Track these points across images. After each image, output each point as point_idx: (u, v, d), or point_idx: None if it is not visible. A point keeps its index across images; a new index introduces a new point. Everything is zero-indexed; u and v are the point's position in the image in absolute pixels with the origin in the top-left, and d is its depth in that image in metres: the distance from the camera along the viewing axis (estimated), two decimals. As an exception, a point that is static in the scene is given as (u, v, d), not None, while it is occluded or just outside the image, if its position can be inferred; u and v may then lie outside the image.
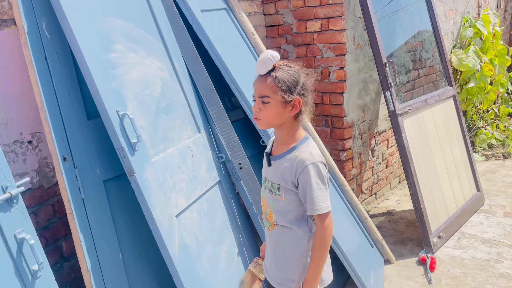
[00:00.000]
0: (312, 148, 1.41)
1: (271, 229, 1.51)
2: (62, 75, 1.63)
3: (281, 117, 1.38)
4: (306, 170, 1.35)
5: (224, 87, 2.42)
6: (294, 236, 1.45)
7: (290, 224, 1.44)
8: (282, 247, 1.47)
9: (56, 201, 1.85)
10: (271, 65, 1.34)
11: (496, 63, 4.72)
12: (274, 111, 1.36)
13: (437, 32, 3.48)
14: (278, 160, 1.44)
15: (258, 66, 1.36)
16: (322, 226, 1.38)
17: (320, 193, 1.36)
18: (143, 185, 1.56)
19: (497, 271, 2.60)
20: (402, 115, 2.83)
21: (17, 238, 1.30)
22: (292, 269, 1.46)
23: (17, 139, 1.71)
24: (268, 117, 1.38)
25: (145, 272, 1.80)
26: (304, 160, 1.36)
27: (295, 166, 1.38)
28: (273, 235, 1.50)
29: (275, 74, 1.34)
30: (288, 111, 1.37)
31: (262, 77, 1.37)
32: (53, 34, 1.62)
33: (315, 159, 1.37)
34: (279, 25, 3.24)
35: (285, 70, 1.36)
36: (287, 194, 1.42)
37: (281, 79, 1.34)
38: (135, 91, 1.72)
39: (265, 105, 1.36)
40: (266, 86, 1.35)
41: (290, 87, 1.35)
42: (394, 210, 3.52)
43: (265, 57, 1.34)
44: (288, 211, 1.44)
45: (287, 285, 1.47)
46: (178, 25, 2.11)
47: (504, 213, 3.35)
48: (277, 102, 1.35)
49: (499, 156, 4.63)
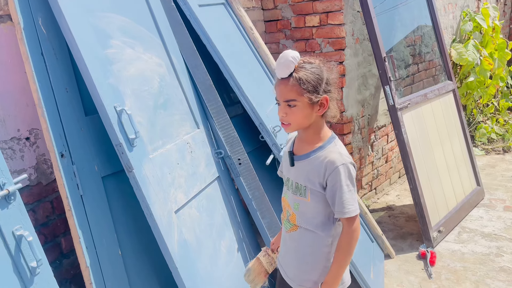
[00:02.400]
0: (340, 147, 1.35)
1: (292, 230, 1.45)
2: (59, 71, 1.62)
3: (310, 119, 1.32)
4: (336, 172, 1.30)
5: (222, 83, 2.41)
6: (317, 239, 1.40)
7: (314, 228, 1.39)
8: (305, 250, 1.43)
9: (54, 198, 1.85)
10: (292, 67, 1.27)
11: (495, 57, 4.71)
12: (303, 113, 1.30)
13: (437, 26, 3.46)
14: (304, 160, 1.38)
15: (279, 69, 1.29)
16: (350, 229, 1.33)
17: (349, 195, 1.30)
18: (141, 181, 1.56)
19: (497, 265, 2.60)
20: (401, 109, 2.82)
21: (15, 235, 1.29)
22: (314, 271, 1.42)
23: (15, 136, 1.70)
24: (297, 120, 1.32)
25: (145, 268, 1.79)
26: (334, 161, 1.30)
27: (323, 167, 1.32)
28: (294, 237, 1.45)
29: (298, 75, 1.27)
30: (316, 111, 1.31)
31: (284, 80, 1.29)
32: (49, 30, 1.61)
33: (345, 159, 1.31)
34: (278, 20, 3.22)
35: (308, 68, 1.28)
36: (313, 196, 1.36)
37: (305, 80, 1.26)
38: (133, 87, 1.71)
39: (292, 109, 1.30)
40: (290, 89, 1.28)
41: (316, 87, 1.28)
42: (394, 205, 3.52)
43: (286, 59, 1.27)
44: (313, 214, 1.38)
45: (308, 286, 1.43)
46: (176, 20, 2.09)
47: (504, 207, 3.34)
48: (305, 104, 1.28)
49: (499, 151, 4.62)
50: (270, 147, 2.18)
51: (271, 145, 2.18)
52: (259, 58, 2.54)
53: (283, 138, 2.24)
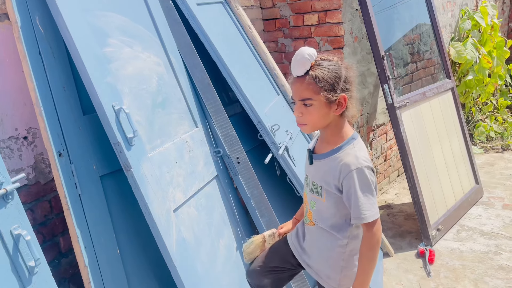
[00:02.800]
0: (358, 150, 1.29)
1: (310, 225, 1.45)
2: (56, 70, 1.62)
3: (327, 118, 1.27)
4: (350, 176, 1.25)
5: (221, 82, 2.41)
6: (333, 239, 1.38)
7: (329, 228, 1.37)
8: (320, 246, 1.42)
9: (53, 197, 1.85)
10: (309, 64, 1.23)
11: (494, 55, 4.71)
12: (319, 113, 1.25)
13: (435, 25, 3.46)
14: (321, 160, 1.34)
15: (294, 67, 1.24)
16: (369, 234, 1.28)
17: (365, 200, 1.25)
18: (140, 180, 1.55)
19: (496, 263, 2.60)
20: (400, 108, 2.82)
21: (13, 234, 1.29)
22: (329, 268, 1.42)
23: (12, 135, 1.70)
24: (314, 120, 1.27)
25: (143, 267, 1.79)
26: (349, 165, 1.26)
27: (338, 169, 1.28)
28: (312, 231, 1.44)
29: (314, 73, 1.22)
30: (334, 110, 1.26)
31: (300, 78, 1.25)
32: (47, 29, 1.61)
33: (360, 163, 1.26)
34: (276, 19, 3.22)
35: (325, 66, 1.24)
36: (329, 197, 1.33)
37: (322, 78, 1.22)
38: (131, 85, 1.71)
39: (308, 108, 1.25)
40: (306, 88, 1.23)
41: (333, 85, 1.23)
42: (393, 203, 3.52)
43: (302, 56, 1.22)
44: (328, 214, 1.36)
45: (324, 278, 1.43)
46: (174, 18, 2.09)
47: (503, 205, 3.35)
48: (321, 103, 1.23)
49: (498, 149, 4.63)
50: (269, 146, 2.18)
51: (269, 144, 2.17)
52: (258, 57, 2.54)
53: (281, 136, 2.24)
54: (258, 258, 1.65)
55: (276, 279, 1.60)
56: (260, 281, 1.61)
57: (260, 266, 1.61)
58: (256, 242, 1.67)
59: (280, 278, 1.61)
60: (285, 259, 1.56)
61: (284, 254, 1.57)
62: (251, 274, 1.64)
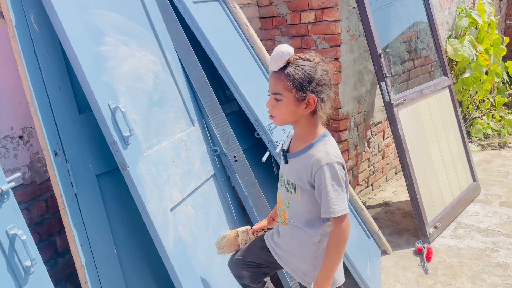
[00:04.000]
0: (329, 147, 1.35)
1: (283, 225, 1.49)
2: (52, 69, 1.61)
3: (295, 115, 1.33)
4: (321, 171, 1.30)
5: (218, 80, 2.40)
6: (305, 236, 1.42)
7: (303, 225, 1.41)
8: (295, 244, 1.46)
9: (49, 196, 1.84)
10: (282, 62, 1.28)
11: (491, 52, 4.72)
12: (287, 109, 1.31)
13: (432, 22, 3.46)
14: (295, 158, 1.39)
15: (271, 62, 1.30)
16: (337, 229, 1.33)
17: (335, 195, 1.30)
18: (136, 179, 1.55)
19: (493, 260, 2.61)
20: (397, 105, 2.82)
21: (9, 234, 1.28)
22: (304, 265, 1.46)
23: (8, 134, 1.69)
24: (282, 115, 1.33)
25: (140, 266, 1.79)
26: (319, 160, 1.31)
27: (310, 165, 1.33)
28: (285, 230, 1.48)
29: (287, 71, 1.28)
30: (302, 109, 1.31)
31: (275, 73, 1.31)
32: (42, 27, 1.59)
33: (331, 159, 1.31)
34: (273, 17, 3.21)
35: (299, 65, 1.29)
36: (303, 194, 1.38)
37: (293, 77, 1.27)
38: (127, 84, 1.70)
39: (278, 103, 1.31)
40: (278, 83, 1.29)
41: (303, 85, 1.28)
42: (391, 201, 3.53)
43: (276, 53, 1.28)
44: (302, 211, 1.40)
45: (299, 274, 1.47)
46: (170, 16, 2.08)
47: (500, 202, 3.35)
48: (290, 100, 1.29)
49: (495, 146, 4.63)
50: (266, 144, 2.18)
51: (266, 142, 2.17)
52: (255, 55, 2.53)
53: (279, 135, 2.24)
54: (239, 251, 1.69)
55: (254, 272, 1.65)
56: (238, 272, 1.67)
57: (237, 259, 1.67)
58: (229, 237, 1.70)
59: (257, 272, 1.65)
60: (260, 256, 1.61)
61: (259, 252, 1.62)
62: (231, 265, 1.70)
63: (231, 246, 1.71)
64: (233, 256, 1.71)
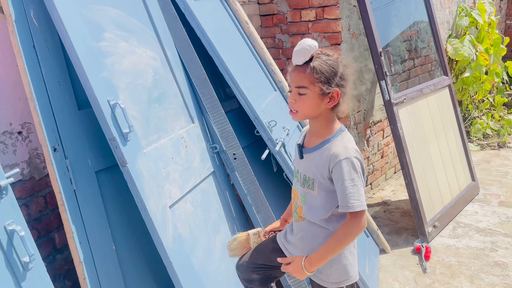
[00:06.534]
0: (347, 141, 1.35)
1: (299, 220, 1.46)
2: (51, 64, 1.60)
3: (317, 109, 1.33)
4: (339, 165, 1.29)
5: (217, 77, 2.40)
6: (321, 232, 1.40)
7: (319, 221, 1.40)
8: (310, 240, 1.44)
9: (48, 192, 1.83)
10: (308, 55, 1.29)
11: (491, 52, 4.72)
12: (311, 103, 1.31)
13: (433, 22, 3.46)
14: (311, 153, 1.38)
15: (295, 56, 1.30)
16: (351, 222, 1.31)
17: (353, 190, 1.29)
18: (135, 175, 1.54)
19: (492, 259, 2.61)
20: (397, 104, 2.82)
21: (7, 230, 1.28)
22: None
23: (7, 130, 1.68)
24: (305, 109, 1.33)
25: (139, 263, 1.78)
26: (337, 155, 1.30)
27: (328, 159, 1.32)
28: (301, 226, 1.46)
29: (313, 64, 1.28)
30: (326, 103, 1.32)
31: (299, 67, 1.31)
32: (41, 22, 1.59)
33: (349, 153, 1.30)
34: (274, 14, 3.21)
35: (324, 59, 1.30)
36: (320, 189, 1.36)
37: (319, 70, 1.28)
38: (127, 80, 1.70)
39: (301, 97, 1.31)
40: (303, 77, 1.29)
41: (329, 78, 1.29)
42: (390, 200, 3.53)
43: (303, 47, 1.28)
44: (319, 207, 1.38)
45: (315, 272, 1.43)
46: (170, 13, 2.07)
47: (499, 202, 3.36)
48: (315, 93, 1.30)
49: (494, 146, 4.64)
50: (266, 142, 2.17)
51: (266, 140, 2.17)
52: (255, 53, 2.52)
53: (278, 132, 2.23)
54: (248, 253, 1.66)
55: (264, 275, 1.62)
56: (248, 275, 1.64)
57: (247, 262, 1.64)
58: (240, 239, 1.67)
59: (268, 275, 1.63)
60: (272, 258, 1.57)
61: (271, 254, 1.58)
62: (240, 268, 1.67)
63: (243, 248, 1.68)
64: (242, 259, 1.67)
